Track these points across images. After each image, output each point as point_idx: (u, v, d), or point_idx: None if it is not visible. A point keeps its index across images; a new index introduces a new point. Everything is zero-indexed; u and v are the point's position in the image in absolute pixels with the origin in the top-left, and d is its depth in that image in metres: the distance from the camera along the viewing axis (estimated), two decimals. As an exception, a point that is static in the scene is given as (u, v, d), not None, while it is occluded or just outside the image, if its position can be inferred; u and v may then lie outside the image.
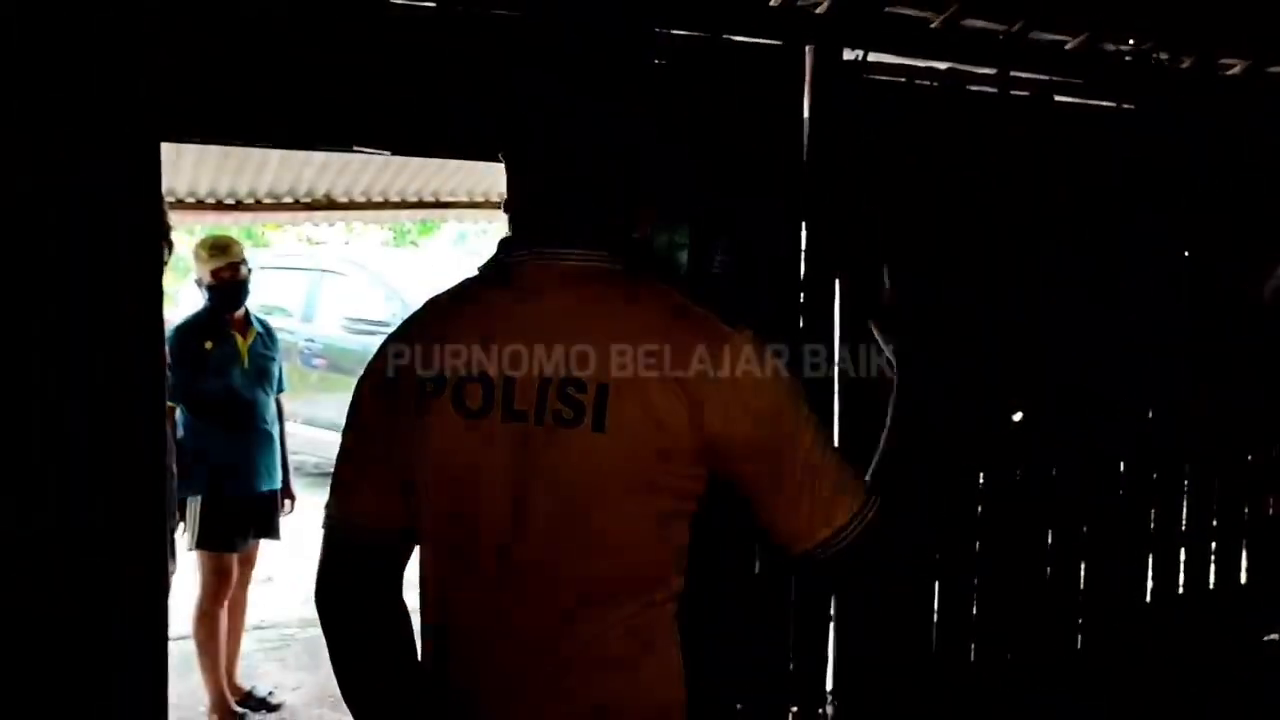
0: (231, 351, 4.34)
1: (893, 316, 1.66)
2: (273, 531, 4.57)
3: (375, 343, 1.55)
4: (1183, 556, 4.76)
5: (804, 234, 3.76)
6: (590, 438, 1.28)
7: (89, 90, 2.64)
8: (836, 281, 3.83)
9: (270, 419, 4.47)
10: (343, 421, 1.49)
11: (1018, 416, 4.28)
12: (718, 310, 1.37)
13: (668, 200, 1.62)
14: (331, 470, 1.50)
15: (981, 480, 4.23)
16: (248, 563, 4.55)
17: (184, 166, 6.14)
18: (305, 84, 2.95)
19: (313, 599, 1.52)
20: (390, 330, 1.50)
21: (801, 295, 3.78)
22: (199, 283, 4.39)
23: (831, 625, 4.11)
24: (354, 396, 1.49)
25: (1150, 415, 4.63)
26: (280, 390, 4.57)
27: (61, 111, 2.61)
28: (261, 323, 4.54)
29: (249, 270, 4.40)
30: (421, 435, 1.39)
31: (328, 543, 1.49)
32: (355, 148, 3.30)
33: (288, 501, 4.69)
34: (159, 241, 2.92)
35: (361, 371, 1.49)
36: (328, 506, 1.50)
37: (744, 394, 1.28)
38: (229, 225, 7.03)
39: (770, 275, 3.74)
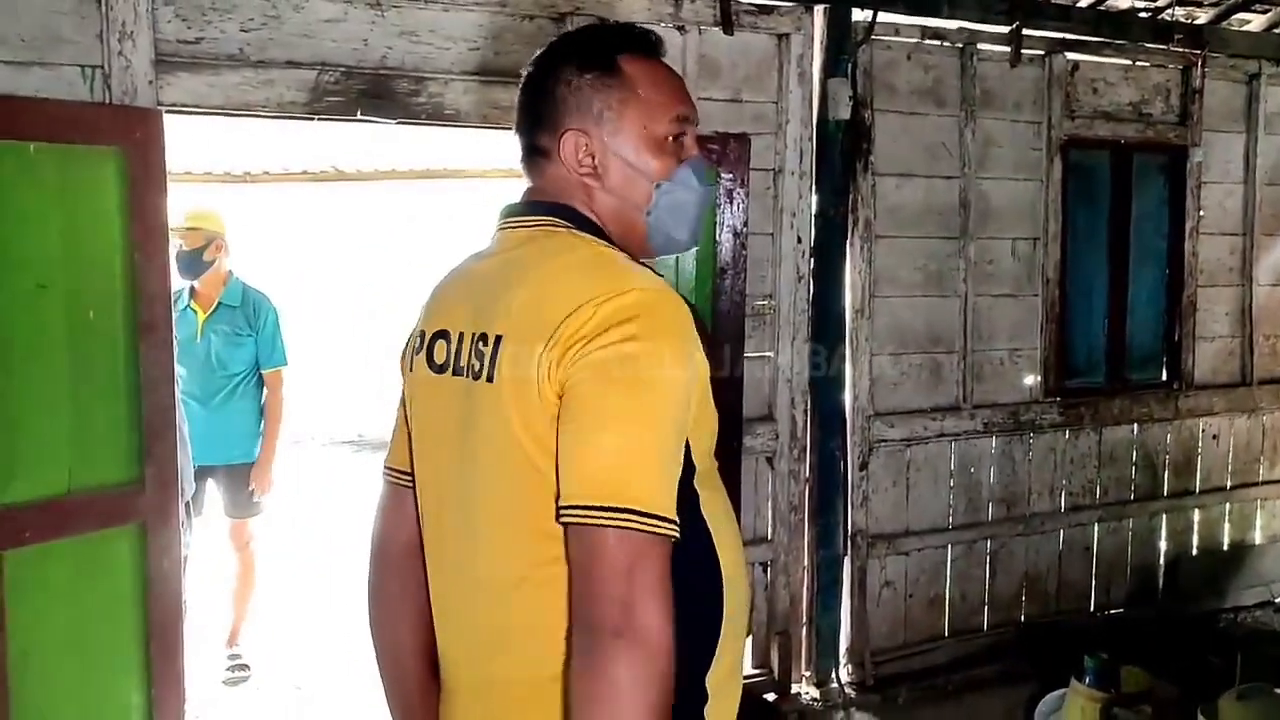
0: (186, 324, 4.31)
1: None
2: (239, 508, 4.57)
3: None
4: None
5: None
6: (486, 389, 1.31)
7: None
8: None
9: (231, 394, 4.39)
10: None
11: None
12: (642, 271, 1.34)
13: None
14: None
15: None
16: (234, 535, 4.53)
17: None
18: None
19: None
20: None
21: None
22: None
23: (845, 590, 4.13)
24: None
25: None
26: (276, 365, 4.51)
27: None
28: (247, 298, 4.48)
29: (213, 244, 4.35)
30: (410, 389, 1.51)
31: (381, 490, 1.60)
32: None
33: (258, 481, 4.45)
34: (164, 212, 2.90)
35: None
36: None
37: (587, 349, 1.22)
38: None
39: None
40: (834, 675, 4.18)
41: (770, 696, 4.07)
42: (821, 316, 4.10)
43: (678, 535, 1.21)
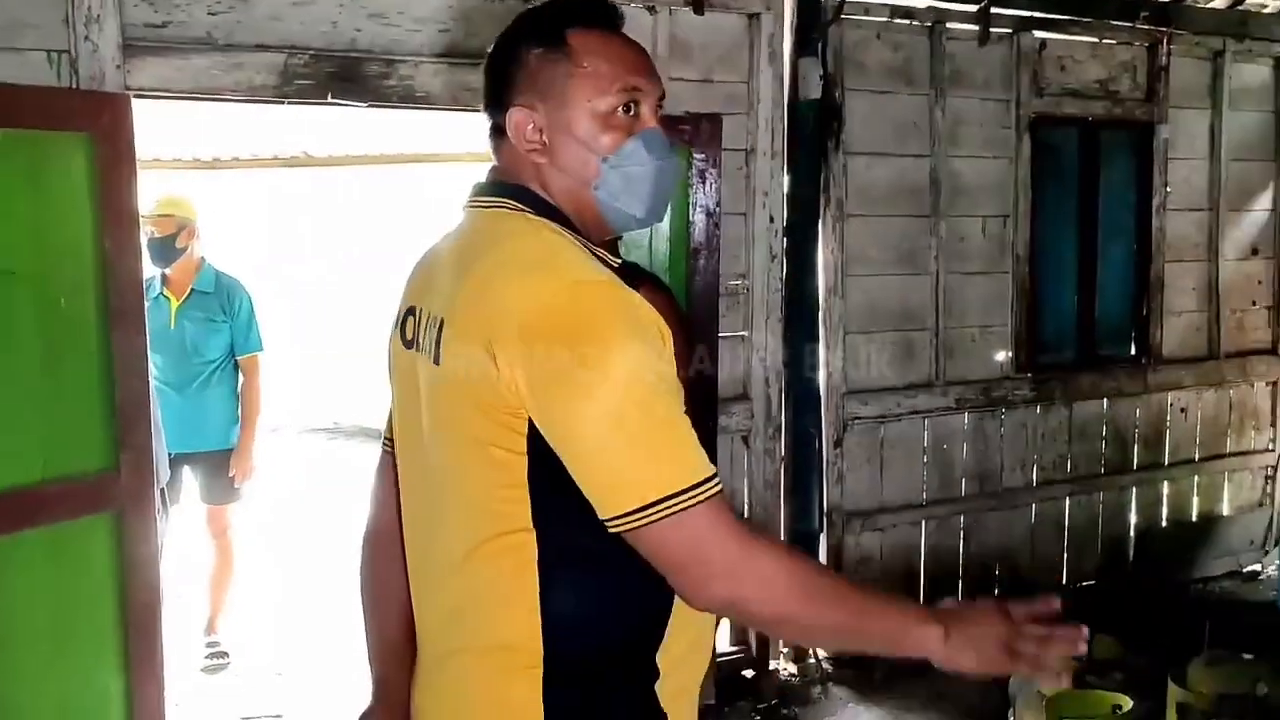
0: (159, 312, 4.28)
1: None
2: (217, 495, 4.53)
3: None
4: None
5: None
6: (434, 370, 1.33)
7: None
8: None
9: (207, 381, 4.38)
10: None
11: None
12: (610, 263, 1.35)
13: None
14: None
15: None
16: (212, 522, 4.52)
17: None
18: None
19: None
20: None
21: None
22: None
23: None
24: None
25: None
26: (252, 351, 4.49)
27: None
28: (221, 284, 4.46)
29: (185, 231, 4.32)
30: (390, 362, 1.53)
31: (379, 460, 1.63)
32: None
33: (239, 467, 4.41)
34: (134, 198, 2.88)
35: None
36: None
37: (529, 344, 1.21)
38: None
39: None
40: (811, 651, 4.23)
41: (749, 673, 4.11)
42: (795, 296, 4.12)
43: (718, 484, 1.22)
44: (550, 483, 1.25)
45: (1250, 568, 5.36)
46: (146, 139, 3.20)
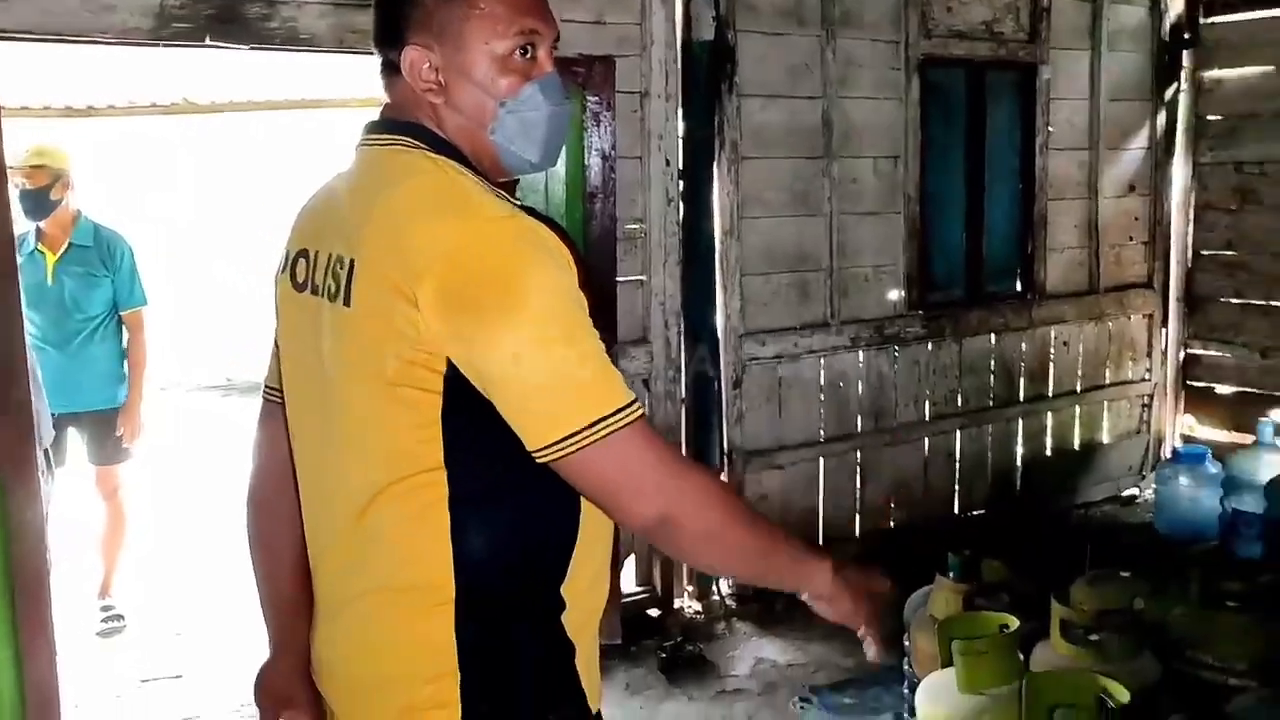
0: (34, 267, 4.12)
1: None
2: (105, 455, 4.40)
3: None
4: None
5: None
6: (342, 311, 1.30)
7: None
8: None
9: (89, 338, 4.22)
10: None
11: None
12: (505, 198, 1.33)
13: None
14: None
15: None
16: (101, 483, 4.39)
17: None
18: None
19: None
20: None
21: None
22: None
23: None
24: None
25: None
26: (135, 305, 4.34)
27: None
28: (100, 237, 4.29)
29: (59, 182, 4.15)
30: (278, 307, 1.50)
31: (260, 408, 1.61)
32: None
33: (126, 426, 4.28)
34: None
35: None
36: None
37: (449, 283, 1.20)
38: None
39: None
40: (715, 588, 4.31)
41: (654, 612, 4.18)
42: (692, 239, 4.14)
43: (640, 407, 1.25)
44: (464, 420, 1.26)
45: (1129, 492, 5.62)
46: (13, 85, 3.05)
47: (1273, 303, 5.30)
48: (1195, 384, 5.73)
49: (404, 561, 1.32)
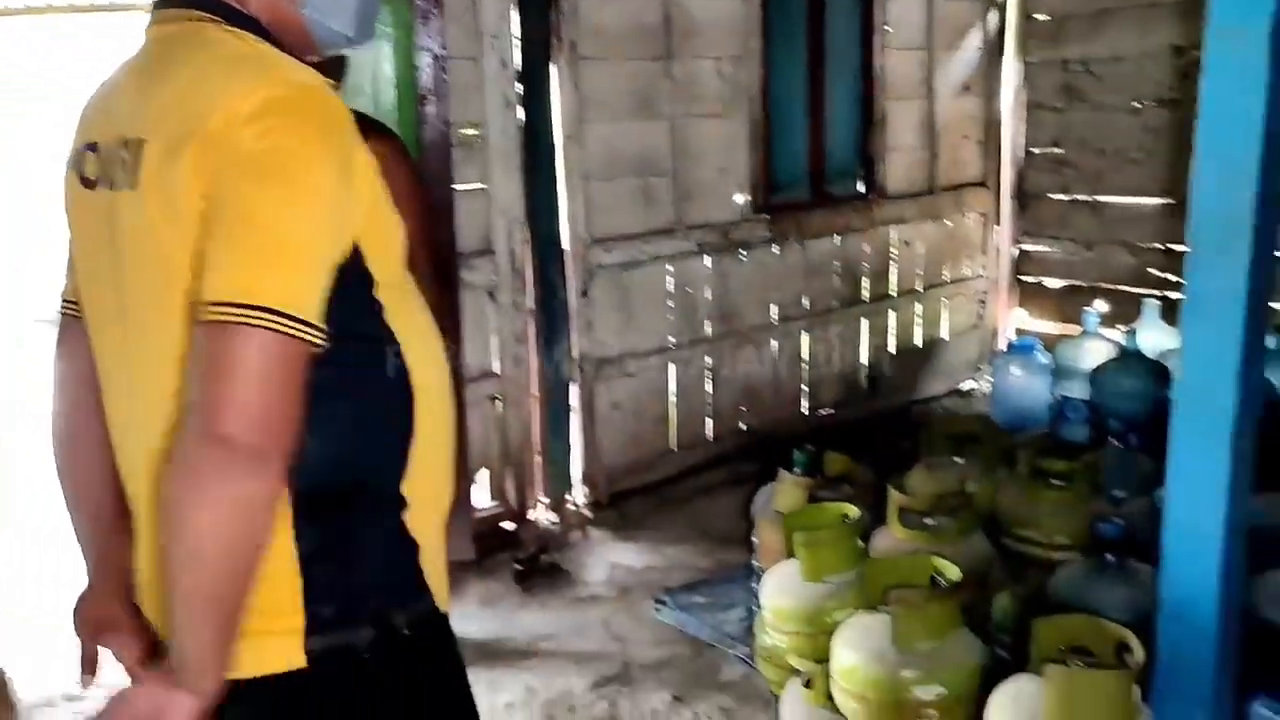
0: None
1: None
2: None
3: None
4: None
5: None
6: (130, 196, 1.21)
7: None
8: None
9: None
10: None
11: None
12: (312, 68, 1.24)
13: None
14: None
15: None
16: None
17: None
18: None
19: None
20: None
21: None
22: None
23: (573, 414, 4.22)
24: None
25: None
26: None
27: None
28: None
29: None
30: (68, 209, 1.38)
31: (58, 324, 1.49)
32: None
33: None
34: None
35: None
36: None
37: (229, 146, 1.12)
38: None
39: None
40: (569, 498, 4.30)
41: (509, 526, 4.15)
42: (532, 144, 4.03)
43: (321, 343, 1.14)
44: None
45: (967, 385, 5.85)
46: None
47: (1098, 198, 5.51)
48: (1026, 279, 5.94)
49: None
